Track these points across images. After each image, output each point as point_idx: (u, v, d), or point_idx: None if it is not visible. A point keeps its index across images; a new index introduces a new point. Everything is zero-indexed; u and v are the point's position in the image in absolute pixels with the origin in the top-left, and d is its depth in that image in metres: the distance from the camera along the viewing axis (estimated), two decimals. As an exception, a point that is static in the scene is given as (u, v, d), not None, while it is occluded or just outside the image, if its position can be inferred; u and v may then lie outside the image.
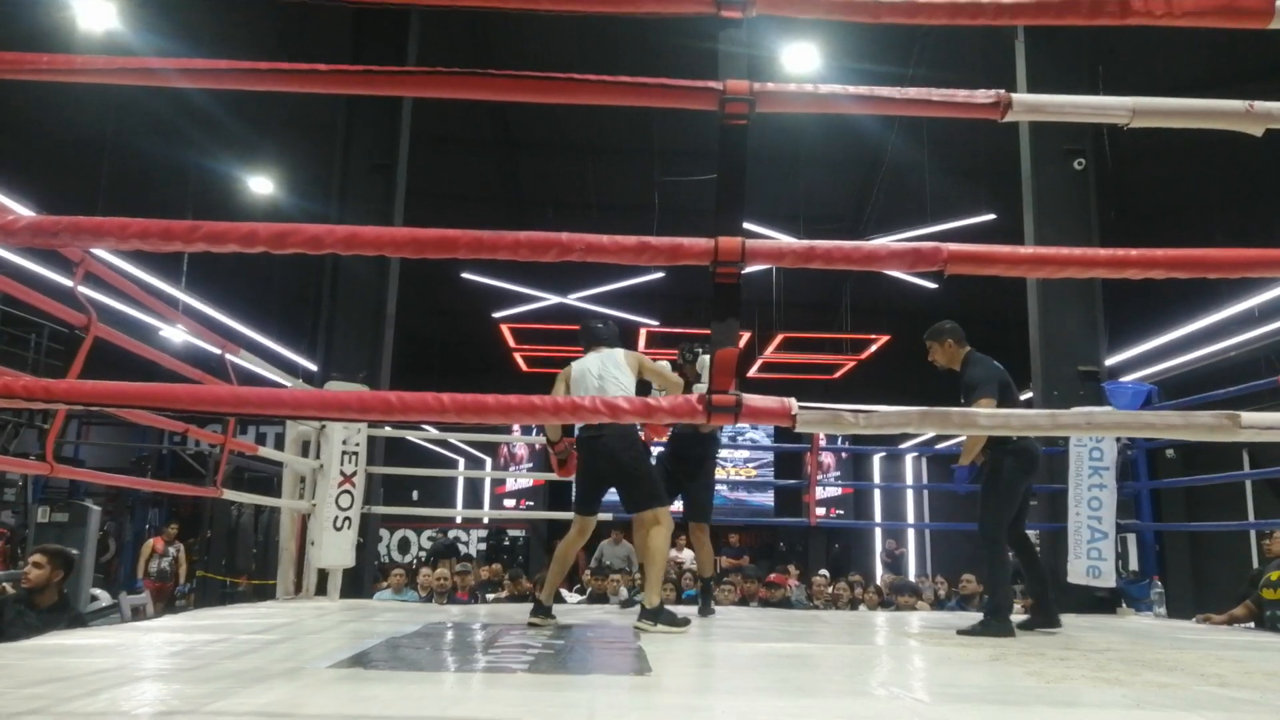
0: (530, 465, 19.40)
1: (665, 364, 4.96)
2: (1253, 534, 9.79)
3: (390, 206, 6.83)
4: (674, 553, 12.09)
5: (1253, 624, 5.57)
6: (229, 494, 5.13)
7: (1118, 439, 6.38)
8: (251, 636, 3.54)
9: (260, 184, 12.02)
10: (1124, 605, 6.36)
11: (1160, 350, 11.30)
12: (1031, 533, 5.24)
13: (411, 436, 9.21)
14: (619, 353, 4.61)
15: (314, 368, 7.64)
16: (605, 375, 4.48)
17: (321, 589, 5.67)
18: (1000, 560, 4.48)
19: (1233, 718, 2.21)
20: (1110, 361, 9.30)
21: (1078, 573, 6.24)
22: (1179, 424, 1.98)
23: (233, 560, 13.50)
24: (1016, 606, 5.24)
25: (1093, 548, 6.20)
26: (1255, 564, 8.72)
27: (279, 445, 6.33)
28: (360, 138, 6.95)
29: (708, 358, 5.23)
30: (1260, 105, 1.97)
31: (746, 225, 2.05)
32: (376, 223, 5.46)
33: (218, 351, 4.74)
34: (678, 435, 5.15)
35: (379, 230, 2.05)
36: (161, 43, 9.03)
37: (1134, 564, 7.40)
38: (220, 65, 2.03)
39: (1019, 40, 7.15)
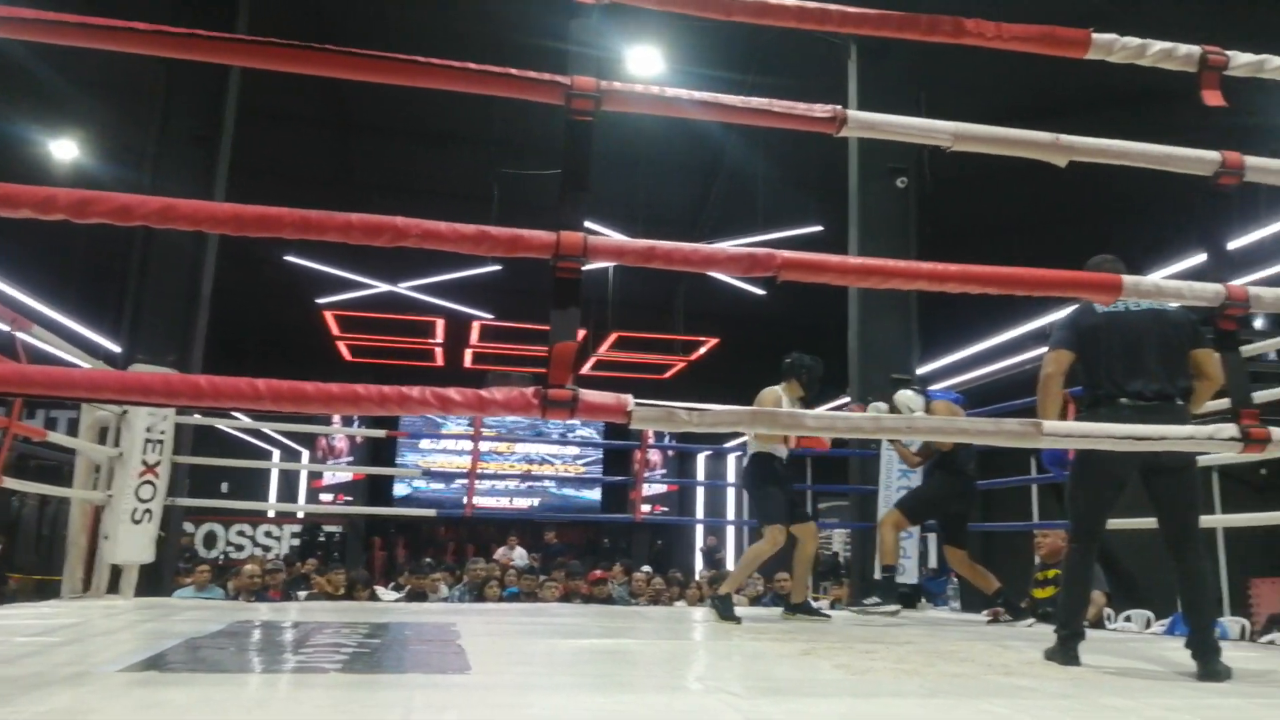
0: (350, 459, 18.75)
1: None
2: (1037, 534, 10.67)
3: (211, 181, 6.45)
4: (504, 550, 12.01)
5: (1032, 620, 6.04)
6: (10, 483, 4.70)
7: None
8: (31, 639, 3.25)
9: (63, 147, 11.07)
10: (923, 600, 6.77)
11: (965, 362, 12.10)
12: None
13: (223, 425, 8.73)
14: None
15: (118, 349, 7.11)
16: None
17: (114, 587, 5.29)
18: (1073, 563, 3.51)
19: (1015, 703, 2.38)
20: (921, 370, 9.87)
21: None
22: (990, 430, 2.12)
23: (10, 555, 12.41)
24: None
25: (899, 546, 6.56)
26: (1037, 561, 9.45)
27: (72, 431, 5.86)
28: (180, 106, 6.53)
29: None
30: (1065, 138, 2.14)
31: (584, 224, 2.04)
32: (196, 197, 5.14)
33: (4, 327, 4.33)
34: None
35: (198, 204, 1.92)
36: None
37: (933, 561, 7.90)
38: (24, 14, 1.85)
39: (851, 60, 7.50)
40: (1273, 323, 9.61)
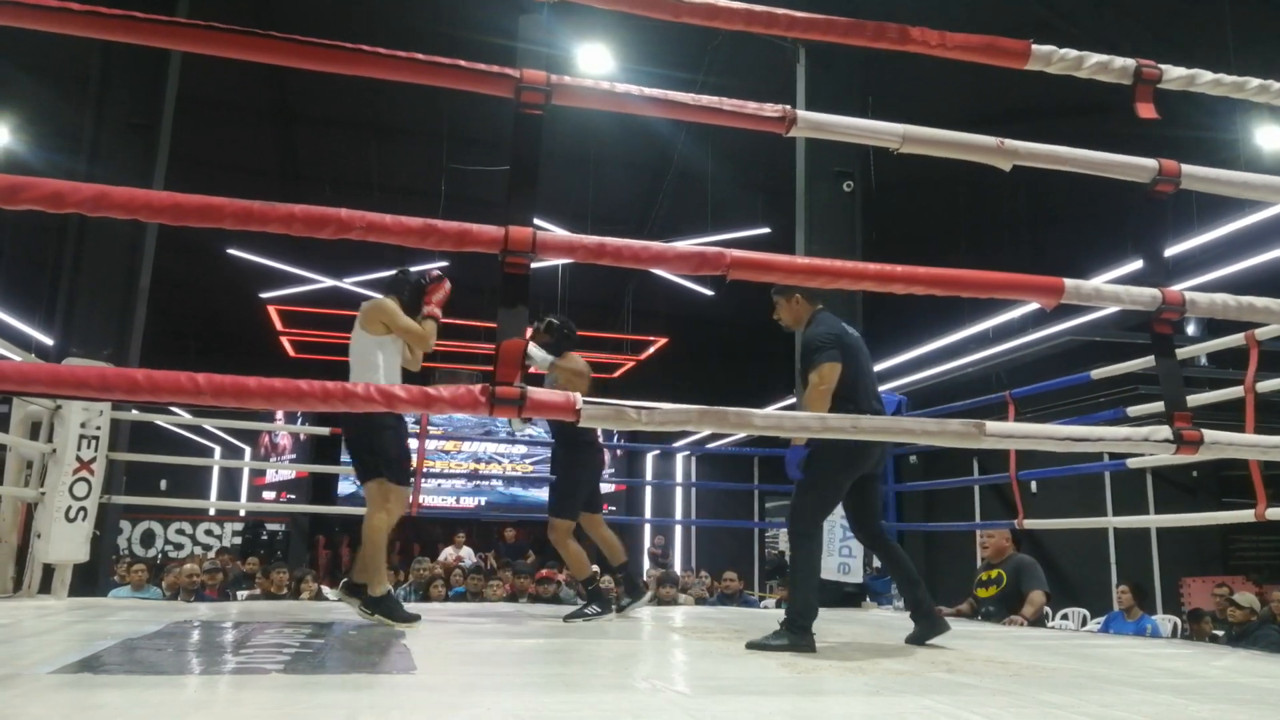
0: (294, 456, 18.43)
1: (430, 324, 4.73)
2: (978, 534, 10.92)
3: (150, 171, 6.28)
4: (451, 549, 11.89)
5: (975, 617, 6.15)
6: (-64, 479, 4.54)
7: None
8: (-43, 639, 3.14)
9: (-10, 130, 10.72)
10: (868, 599, 6.85)
11: (908, 364, 12.28)
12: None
13: (161, 421, 8.52)
14: (362, 307, 4.50)
15: (50, 342, 6.90)
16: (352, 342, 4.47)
17: (46, 587, 5.14)
18: (804, 560, 3.59)
19: (958, 699, 2.42)
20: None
21: (829, 569, 6.66)
22: (934, 430, 2.15)
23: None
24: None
25: (844, 546, 6.65)
26: (979, 562, 9.63)
27: (2, 426, 5.68)
28: (117, 92, 6.35)
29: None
30: (1009, 143, 2.18)
31: (533, 220, 2.03)
32: (134, 187, 5.00)
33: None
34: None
35: (134, 192, 1.87)
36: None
37: (877, 561, 7.97)
38: (-53, -10, 1.78)
39: (800, 63, 7.55)
40: (1205, 328, 9.90)
